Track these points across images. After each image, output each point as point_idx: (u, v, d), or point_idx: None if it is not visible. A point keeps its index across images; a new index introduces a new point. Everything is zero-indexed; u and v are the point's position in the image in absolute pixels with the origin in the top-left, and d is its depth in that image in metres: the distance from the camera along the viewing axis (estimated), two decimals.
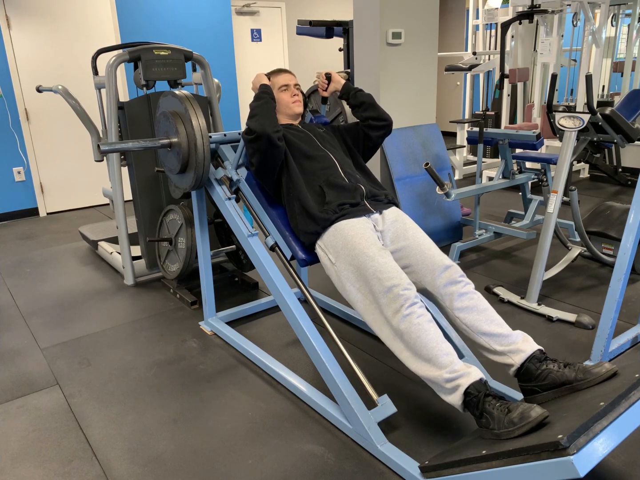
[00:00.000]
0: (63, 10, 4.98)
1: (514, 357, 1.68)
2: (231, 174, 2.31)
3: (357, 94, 2.33)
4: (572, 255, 3.08)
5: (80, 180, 5.35)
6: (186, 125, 2.22)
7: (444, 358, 1.60)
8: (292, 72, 2.41)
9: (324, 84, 2.43)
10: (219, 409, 2.09)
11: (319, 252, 2.00)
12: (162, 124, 2.36)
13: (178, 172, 2.34)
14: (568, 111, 2.76)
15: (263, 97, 2.16)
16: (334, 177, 2.07)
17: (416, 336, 1.63)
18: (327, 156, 2.15)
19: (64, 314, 3.00)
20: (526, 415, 1.40)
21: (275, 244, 2.20)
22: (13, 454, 1.89)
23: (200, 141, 2.19)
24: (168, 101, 2.35)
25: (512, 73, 5.18)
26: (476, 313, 1.76)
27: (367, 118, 2.29)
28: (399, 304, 1.67)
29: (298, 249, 2.13)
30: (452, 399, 1.58)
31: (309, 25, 4.32)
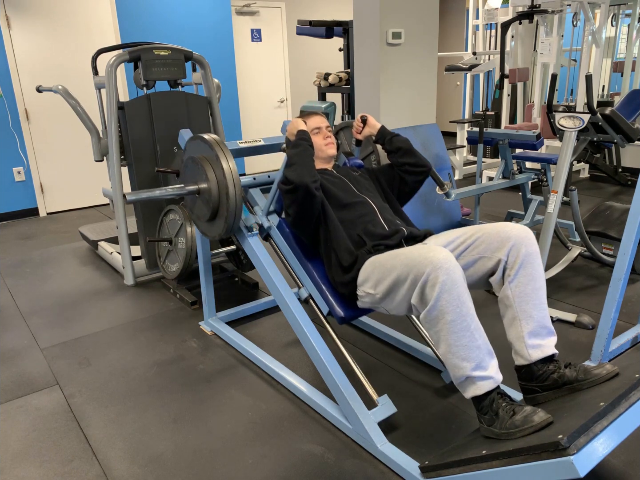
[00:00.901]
0: (63, 10, 4.98)
1: (532, 352, 1.61)
2: (262, 221, 2.20)
3: (394, 140, 2.21)
4: (572, 255, 3.08)
5: (80, 180, 5.35)
6: (216, 171, 2.09)
7: (478, 352, 1.50)
8: (323, 114, 2.30)
9: (359, 127, 2.30)
10: (219, 409, 2.09)
11: (360, 295, 1.85)
12: (189, 169, 2.22)
13: (207, 219, 2.19)
14: (568, 111, 2.76)
15: (301, 144, 2.02)
16: (373, 224, 1.95)
17: (450, 322, 1.50)
18: (366, 202, 2.03)
19: (64, 314, 3.00)
20: (529, 419, 1.39)
21: (309, 296, 2.05)
22: (13, 454, 1.89)
23: (232, 189, 2.05)
24: (196, 146, 2.21)
25: (512, 73, 5.18)
26: (531, 288, 1.63)
27: (403, 164, 2.18)
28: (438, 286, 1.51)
29: (336, 304, 1.95)
30: (466, 389, 1.53)
31: (309, 25, 4.32)
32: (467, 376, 1.51)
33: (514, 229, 1.71)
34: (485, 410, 1.51)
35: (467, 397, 1.55)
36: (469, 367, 1.50)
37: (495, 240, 1.71)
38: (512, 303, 1.64)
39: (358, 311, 1.95)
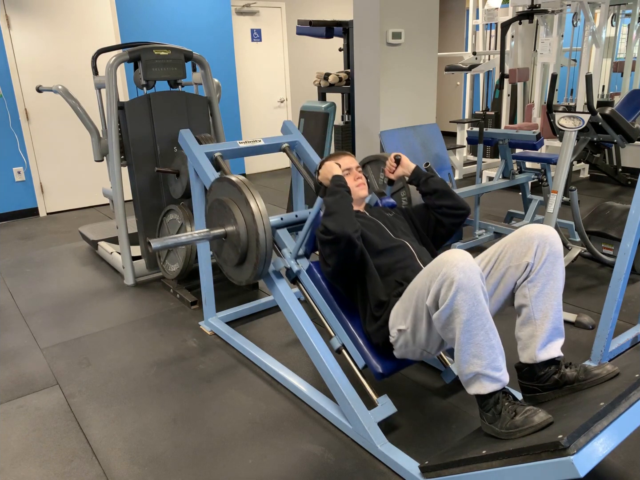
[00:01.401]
0: (63, 10, 4.98)
1: (539, 352, 1.59)
2: (290, 264, 2.08)
3: (429, 181, 2.09)
4: (572, 255, 3.08)
5: (80, 180, 5.35)
6: (245, 214, 1.96)
7: (490, 352, 1.48)
8: (352, 154, 2.22)
9: (392, 167, 2.19)
10: (219, 409, 2.09)
11: (393, 339, 1.77)
12: (215, 211, 2.09)
13: (235, 264, 2.06)
14: (568, 111, 2.76)
15: (339, 191, 1.90)
16: (412, 270, 1.84)
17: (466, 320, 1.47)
18: (404, 246, 1.94)
19: (64, 314, 3.00)
20: (529, 420, 1.38)
21: (342, 346, 1.94)
22: (13, 454, 1.89)
23: (263, 234, 1.91)
24: (223, 187, 2.08)
25: (512, 73, 5.18)
26: (550, 288, 1.61)
27: (441, 206, 2.06)
28: (454, 286, 1.48)
29: (373, 357, 1.85)
30: (473, 387, 1.51)
31: (309, 25, 4.32)
32: (476, 373, 1.48)
33: (535, 229, 1.66)
34: (488, 408, 1.50)
35: (470, 393, 1.53)
36: (479, 365, 1.47)
37: (519, 246, 1.66)
38: (529, 302, 1.62)
39: (396, 363, 1.85)
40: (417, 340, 1.69)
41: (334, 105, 4.06)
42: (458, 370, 1.53)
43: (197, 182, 2.47)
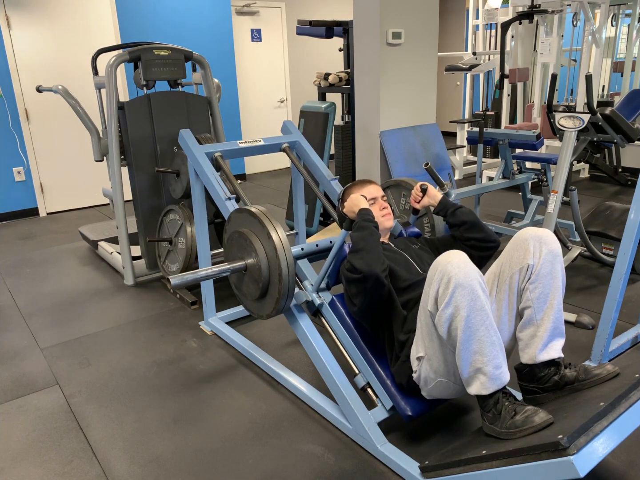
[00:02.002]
0: (63, 10, 4.98)
1: (540, 354, 1.59)
2: (312, 297, 1.99)
3: (457, 212, 2.00)
4: (572, 255, 3.08)
5: (80, 180, 5.35)
6: (267, 248, 1.87)
7: (491, 350, 1.48)
8: (377, 183, 2.13)
9: (418, 197, 2.12)
10: (219, 409, 2.09)
11: (416, 374, 1.70)
12: (235, 242, 2.00)
13: (256, 298, 1.96)
14: (568, 111, 2.76)
15: (367, 226, 1.82)
16: None
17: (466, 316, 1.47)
18: None
19: (64, 314, 3.00)
20: (530, 420, 1.38)
21: (367, 384, 1.88)
22: (13, 454, 1.89)
23: (286, 268, 1.81)
24: (243, 219, 2.00)
25: (512, 73, 5.18)
26: (549, 288, 1.60)
27: (470, 239, 1.97)
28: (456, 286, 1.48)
29: (401, 399, 1.79)
30: (473, 386, 1.51)
31: (309, 25, 4.32)
32: (477, 369, 1.47)
33: (528, 231, 1.66)
34: (488, 408, 1.50)
35: (471, 394, 1.52)
36: (480, 361, 1.47)
37: (517, 251, 1.65)
38: (532, 304, 1.61)
39: (425, 405, 1.79)
40: (435, 366, 1.63)
41: (334, 105, 4.06)
42: (459, 369, 1.53)
43: (197, 182, 2.47)
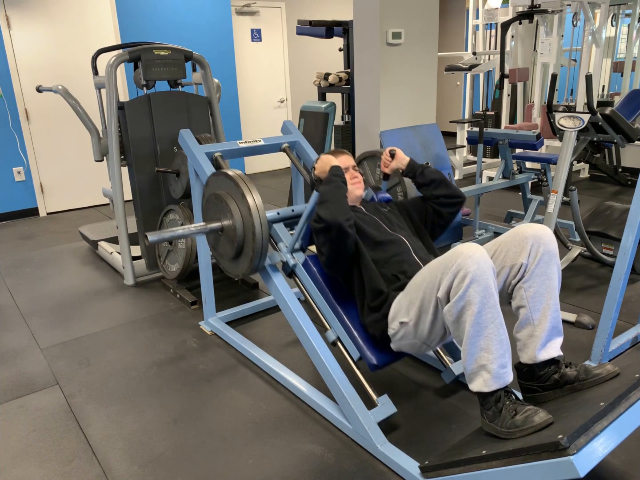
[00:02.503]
0: (63, 10, 4.98)
1: (539, 353, 1.59)
2: (287, 258, 2.08)
3: (425, 172, 2.12)
4: (572, 255, 3.08)
5: (80, 180, 5.35)
6: (241, 208, 1.99)
7: (498, 347, 1.48)
8: (349, 153, 2.22)
9: (387, 161, 2.23)
10: (219, 409, 2.09)
11: (392, 332, 1.77)
12: (212, 205, 2.11)
13: (231, 258, 2.08)
14: (568, 111, 2.76)
15: (334, 180, 1.94)
16: (409, 264, 1.86)
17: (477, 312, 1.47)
18: (400, 241, 1.94)
19: (64, 314, 3.00)
20: (530, 419, 1.38)
21: (337, 339, 1.94)
22: (13, 454, 1.89)
23: (259, 227, 1.94)
24: (219, 181, 2.11)
25: (512, 73, 5.18)
26: (545, 287, 1.60)
27: (438, 196, 2.08)
28: (466, 279, 1.48)
29: (367, 350, 1.86)
30: (475, 383, 1.51)
31: (309, 25, 4.32)
32: (482, 366, 1.47)
33: (529, 229, 1.66)
34: (489, 406, 1.50)
35: (472, 390, 1.52)
36: (486, 359, 1.47)
37: (514, 246, 1.66)
38: (526, 303, 1.61)
39: (392, 356, 1.86)
40: (418, 333, 1.69)
41: (334, 105, 4.06)
42: (463, 364, 1.53)
43: (197, 182, 2.47)
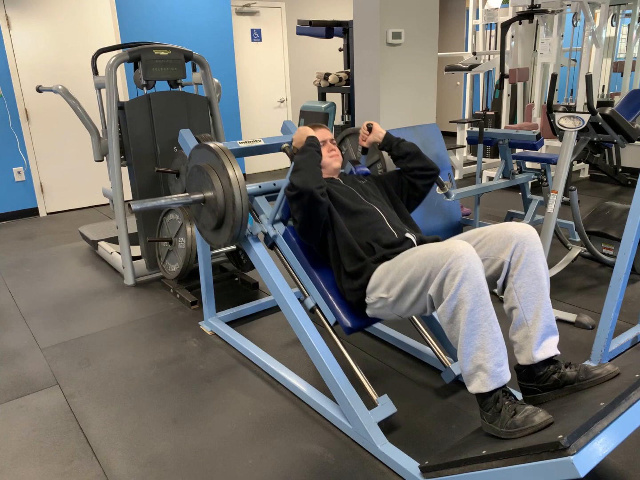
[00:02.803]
0: (63, 10, 4.98)
1: (535, 353, 1.59)
2: (267, 229, 2.16)
3: (400, 145, 2.20)
4: (572, 255, 3.08)
5: (80, 180, 5.35)
6: (222, 179, 2.07)
7: (493, 346, 1.49)
8: (327, 127, 2.28)
9: (365, 135, 2.29)
10: (219, 409, 2.09)
11: (370, 302, 1.84)
12: (194, 177, 2.20)
13: (213, 228, 2.18)
14: (568, 111, 2.76)
15: (308, 150, 2.01)
16: (383, 232, 1.93)
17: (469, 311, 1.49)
18: (373, 210, 2.01)
19: (64, 314, 3.00)
20: (530, 419, 1.38)
21: (315, 305, 2.01)
22: (13, 454, 1.89)
23: (239, 198, 2.03)
24: (202, 154, 2.19)
25: (512, 73, 5.18)
26: (535, 287, 1.62)
27: (413, 169, 2.17)
28: (457, 276, 1.50)
29: (343, 314, 1.93)
30: (473, 384, 1.51)
31: (309, 25, 4.32)
32: (479, 366, 1.48)
33: (515, 228, 1.68)
34: (488, 407, 1.50)
35: (471, 392, 1.52)
36: (482, 358, 1.47)
37: (498, 242, 1.69)
38: (518, 304, 1.62)
39: (366, 320, 1.92)
40: (396, 308, 1.75)
41: (334, 105, 4.06)
42: (460, 365, 1.53)
43: None
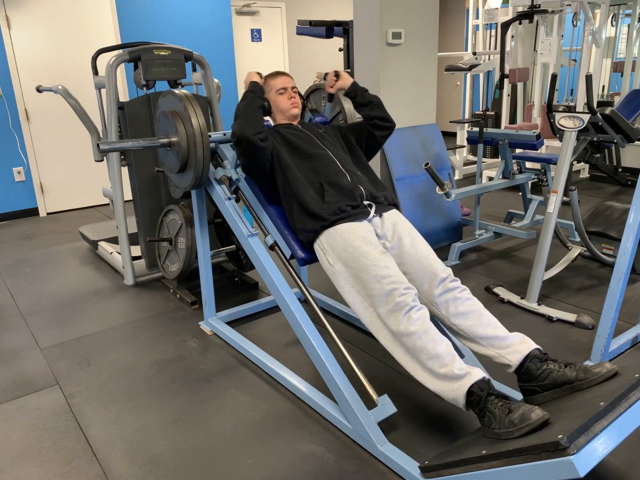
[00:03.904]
0: (63, 11, 4.98)
1: (511, 357, 1.68)
2: (230, 174, 2.31)
3: (365, 94, 2.34)
4: (572, 255, 3.08)
5: (80, 180, 5.35)
6: (186, 124, 2.22)
7: (445, 358, 1.61)
8: (289, 75, 2.39)
9: (332, 81, 2.40)
10: (219, 409, 2.09)
11: (317, 251, 2.00)
12: (161, 123, 2.37)
13: (177, 171, 2.34)
14: (568, 111, 2.76)
15: (249, 96, 2.19)
16: (335, 174, 2.06)
17: (415, 338, 1.65)
18: (327, 154, 2.15)
19: (64, 314, 3.00)
20: (527, 417, 1.40)
21: (274, 243, 2.20)
22: (13, 454, 1.89)
23: (200, 140, 2.19)
24: (168, 101, 2.35)
25: (512, 73, 5.18)
26: (472, 318, 1.78)
27: (373, 117, 2.31)
28: (398, 307, 1.69)
29: (297, 248, 2.12)
30: (454, 397, 1.58)
31: (309, 25, 4.32)
32: (442, 375, 1.61)
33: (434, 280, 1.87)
34: (479, 411, 1.54)
35: (460, 406, 1.59)
36: (439, 364, 1.62)
37: (421, 278, 1.89)
38: (468, 336, 1.78)
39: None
40: (334, 276, 1.91)
41: None
42: (432, 389, 1.67)
43: None
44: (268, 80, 2.35)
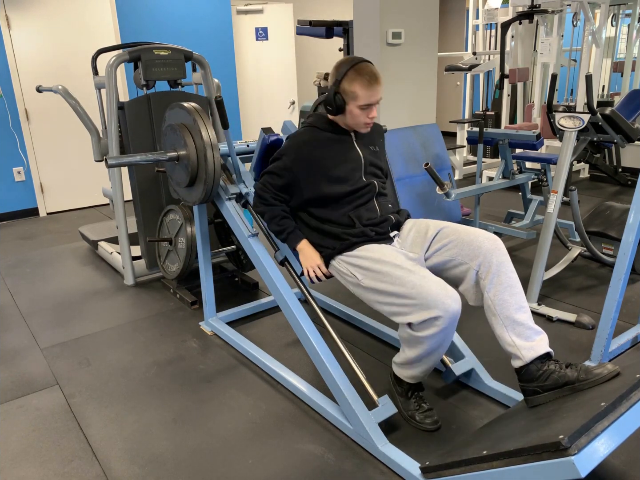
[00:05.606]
0: (63, 10, 4.98)
1: (525, 352, 1.64)
2: (240, 188, 2.29)
3: None
4: (572, 255, 3.08)
5: (80, 180, 5.34)
6: (195, 137, 2.18)
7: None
8: (381, 81, 1.91)
9: None
10: (219, 409, 2.09)
11: (336, 266, 1.93)
12: (169, 136, 2.32)
13: (186, 185, 2.30)
14: (568, 111, 2.76)
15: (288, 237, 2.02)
16: (366, 209, 1.96)
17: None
18: (371, 185, 2.00)
19: (64, 314, 3.00)
20: (424, 421, 1.71)
21: (285, 258, 2.14)
22: (13, 454, 1.89)
23: (211, 153, 2.16)
24: (175, 114, 2.31)
25: (512, 73, 5.18)
26: (508, 294, 1.70)
27: None
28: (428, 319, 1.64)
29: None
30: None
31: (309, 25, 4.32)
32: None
33: (484, 241, 1.77)
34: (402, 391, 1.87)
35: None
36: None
37: (467, 248, 1.79)
38: (496, 312, 1.70)
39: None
40: (359, 292, 1.86)
41: None
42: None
43: None
44: (356, 83, 1.84)
